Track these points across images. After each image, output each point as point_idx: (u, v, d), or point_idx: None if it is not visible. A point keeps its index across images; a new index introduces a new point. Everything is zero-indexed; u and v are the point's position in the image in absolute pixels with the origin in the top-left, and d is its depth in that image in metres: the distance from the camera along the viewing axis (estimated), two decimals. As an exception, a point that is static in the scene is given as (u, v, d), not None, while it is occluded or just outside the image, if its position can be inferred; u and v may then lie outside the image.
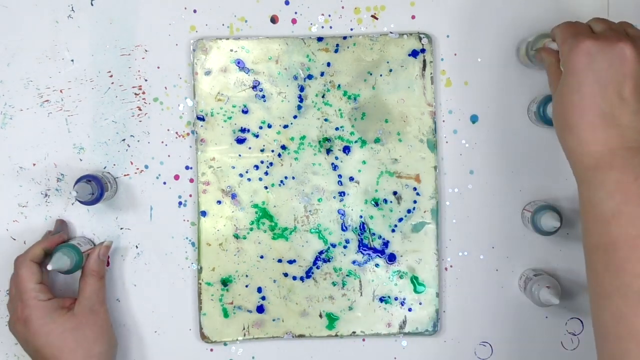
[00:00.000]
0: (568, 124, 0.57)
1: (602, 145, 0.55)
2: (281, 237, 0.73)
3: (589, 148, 0.55)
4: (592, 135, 0.55)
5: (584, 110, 0.55)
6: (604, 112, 0.55)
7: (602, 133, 0.55)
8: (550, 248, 0.74)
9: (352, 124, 0.73)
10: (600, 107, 0.55)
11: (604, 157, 0.54)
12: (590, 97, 0.55)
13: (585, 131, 0.55)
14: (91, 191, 0.68)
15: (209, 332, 0.73)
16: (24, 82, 0.72)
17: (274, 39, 0.72)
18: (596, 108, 0.55)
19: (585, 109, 0.55)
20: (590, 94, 0.55)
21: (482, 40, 0.73)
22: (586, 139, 0.56)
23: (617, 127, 0.55)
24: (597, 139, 0.55)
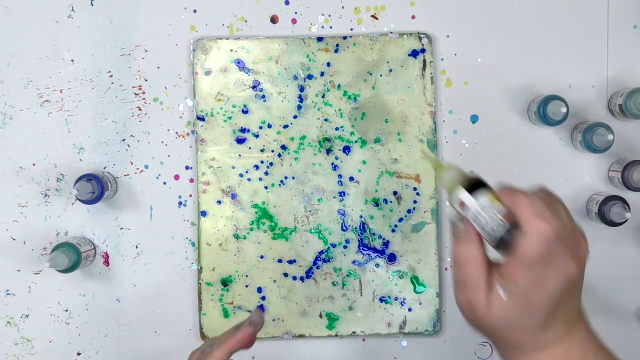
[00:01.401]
0: (509, 342, 0.54)
1: (542, 346, 0.53)
2: (281, 237, 0.73)
3: (527, 352, 0.53)
4: (534, 344, 0.53)
5: (532, 329, 0.53)
6: (546, 322, 0.53)
7: (541, 339, 0.53)
8: (550, 248, 0.74)
9: (352, 124, 0.73)
10: (544, 321, 0.52)
11: (541, 356, 0.53)
12: (539, 319, 0.52)
13: (527, 342, 0.53)
14: (92, 190, 0.68)
15: (209, 332, 0.73)
16: (24, 82, 0.72)
17: (274, 39, 0.72)
18: (541, 323, 0.52)
19: (533, 327, 0.52)
20: (540, 317, 0.52)
21: (482, 40, 0.73)
22: (528, 346, 0.53)
23: (554, 327, 0.53)
24: (537, 344, 0.53)
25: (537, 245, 0.50)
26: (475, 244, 0.53)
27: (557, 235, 0.50)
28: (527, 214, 0.51)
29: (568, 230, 0.51)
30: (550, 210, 0.51)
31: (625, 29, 0.73)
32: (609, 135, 0.68)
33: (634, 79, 0.73)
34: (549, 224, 0.50)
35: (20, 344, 0.73)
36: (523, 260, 0.51)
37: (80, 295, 0.73)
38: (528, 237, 0.50)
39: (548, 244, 0.50)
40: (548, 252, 0.50)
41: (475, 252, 0.53)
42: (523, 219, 0.51)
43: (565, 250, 0.50)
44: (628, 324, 0.74)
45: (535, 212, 0.51)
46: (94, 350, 0.74)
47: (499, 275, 0.52)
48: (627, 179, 0.70)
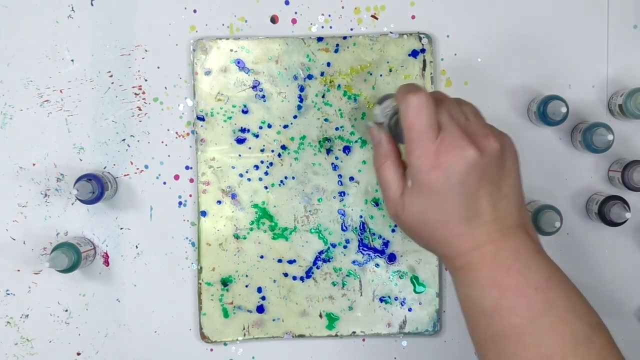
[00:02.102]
0: (435, 239, 0.56)
1: (470, 247, 0.54)
2: (281, 237, 0.73)
3: (458, 252, 0.55)
4: (460, 241, 0.55)
5: (451, 224, 0.55)
6: (467, 217, 0.54)
7: (469, 237, 0.55)
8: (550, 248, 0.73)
9: (352, 124, 0.73)
10: (464, 216, 0.54)
11: (474, 257, 0.54)
12: (454, 211, 0.54)
13: (453, 241, 0.55)
14: (91, 190, 0.68)
15: (209, 332, 0.73)
16: (24, 82, 0.72)
17: (274, 39, 0.72)
18: (461, 218, 0.54)
19: (451, 223, 0.54)
20: (454, 209, 0.54)
21: (482, 40, 0.73)
22: (455, 245, 0.55)
23: (481, 226, 0.54)
24: (465, 243, 0.55)
25: (410, 115, 0.54)
26: (386, 146, 0.58)
27: (430, 114, 0.54)
28: (402, 93, 0.56)
29: (470, 123, 0.55)
30: (435, 99, 0.56)
31: (625, 29, 0.73)
32: (609, 135, 0.68)
33: (634, 79, 0.73)
34: (418, 96, 0.54)
35: (20, 344, 0.73)
36: (408, 137, 0.54)
37: (80, 295, 0.73)
38: (401, 110, 0.55)
39: (420, 115, 0.54)
40: (427, 125, 0.54)
41: (386, 153, 0.58)
42: (398, 99, 0.56)
43: (461, 135, 0.53)
44: (628, 324, 0.74)
45: (406, 90, 0.55)
46: (94, 350, 0.74)
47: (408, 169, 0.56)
48: (627, 179, 0.70)
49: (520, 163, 0.58)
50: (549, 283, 0.54)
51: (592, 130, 0.69)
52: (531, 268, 0.54)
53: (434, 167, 0.53)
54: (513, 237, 0.55)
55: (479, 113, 0.59)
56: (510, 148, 0.57)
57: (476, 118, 0.58)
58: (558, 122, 0.69)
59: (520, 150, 0.73)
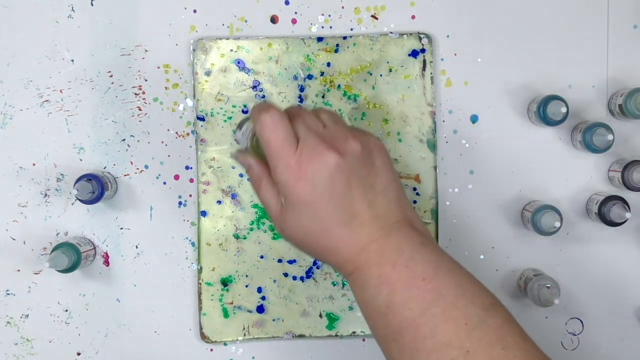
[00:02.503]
0: (321, 249, 0.56)
1: (355, 250, 0.55)
2: (281, 237, 0.73)
3: (346, 257, 0.55)
4: (344, 246, 0.55)
5: (330, 232, 0.55)
6: (345, 221, 0.55)
7: (352, 241, 0.55)
8: (550, 248, 0.74)
9: (352, 124, 0.73)
10: (341, 221, 0.55)
11: (361, 259, 0.55)
12: (330, 218, 0.54)
13: (338, 247, 0.55)
14: (91, 190, 0.68)
15: (209, 332, 0.73)
16: (24, 82, 0.72)
17: (274, 39, 0.72)
18: (339, 223, 0.55)
19: (330, 230, 0.55)
20: (329, 216, 0.54)
21: (482, 40, 0.73)
22: (341, 251, 0.55)
23: (361, 227, 0.55)
24: (349, 247, 0.55)
25: (266, 133, 0.55)
26: (256, 168, 0.59)
27: (284, 128, 0.55)
28: (255, 114, 0.57)
29: (328, 130, 0.57)
30: (288, 114, 0.57)
31: (625, 29, 0.73)
32: (609, 135, 0.68)
33: (634, 79, 0.73)
34: (270, 114, 0.55)
35: (20, 344, 0.73)
36: (268, 155, 0.56)
37: (80, 295, 0.73)
38: (257, 131, 0.56)
39: (276, 131, 0.55)
40: (283, 139, 0.55)
41: (259, 174, 0.58)
42: (252, 120, 0.58)
43: (319, 142, 0.54)
44: (628, 324, 0.74)
45: (259, 110, 0.56)
46: (94, 350, 0.74)
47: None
48: (627, 179, 0.70)
49: (390, 158, 0.58)
50: (436, 272, 0.54)
51: (592, 130, 0.69)
52: (416, 260, 0.54)
53: (299, 179, 0.54)
54: (396, 233, 0.55)
55: (338, 119, 0.59)
56: (376, 145, 0.58)
57: (335, 124, 0.58)
58: (558, 122, 0.69)
59: (521, 150, 0.73)
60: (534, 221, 0.69)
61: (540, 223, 0.69)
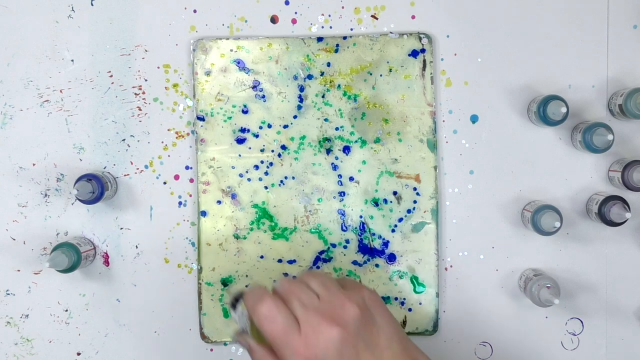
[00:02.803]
0: None
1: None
2: (281, 237, 0.73)
3: None
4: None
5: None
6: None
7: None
8: (550, 248, 0.74)
9: (352, 124, 0.73)
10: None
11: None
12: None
13: None
14: (92, 190, 0.68)
15: (209, 332, 0.73)
16: (24, 82, 0.72)
17: (274, 39, 0.72)
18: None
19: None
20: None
21: (482, 40, 0.73)
22: None
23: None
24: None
25: (266, 326, 0.57)
26: (259, 351, 0.59)
27: (283, 316, 0.57)
28: (250, 306, 0.59)
29: (323, 301, 0.58)
30: (280, 295, 0.59)
31: (625, 29, 0.73)
32: (609, 135, 0.68)
33: (634, 79, 0.73)
34: (264, 304, 0.57)
35: (20, 344, 0.73)
36: (272, 344, 0.57)
37: (80, 295, 0.73)
38: (256, 323, 0.58)
39: (275, 321, 0.57)
40: (284, 327, 0.56)
41: (261, 356, 0.59)
42: (250, 312, 0.59)
43: (319, 320, 0.56)
44: (628, 324, 0.74)
45: (253, 301, 0.58)
46: (94, 350, 0.74)
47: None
48: (627, 179, 0.70)
49: (385, 306, 0.60)
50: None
51: (592, 130, 0.69)
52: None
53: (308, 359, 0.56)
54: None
55: (328, 281, 0.60)
56: (373, 302, 0.59)
57: (327, 290, 0.59)
58: (558, 122, 0.69)
59: (521, 150, 0.73)
60: (534, 221, 0.69)
61: (540, 223, 0.69)
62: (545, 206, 0.69)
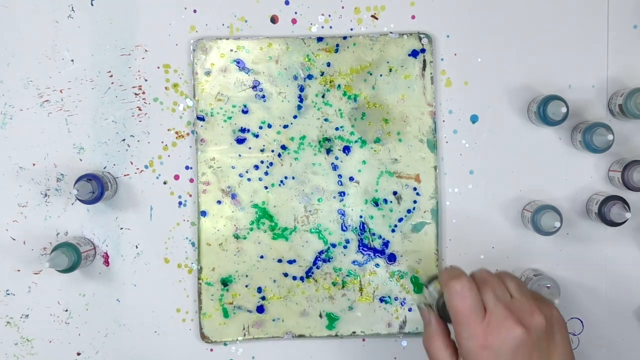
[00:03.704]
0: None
1: None
2: (281, 237, 0.73)
3: None
4: None
5: None
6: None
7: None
8: (550, 248, 0.74)
9: (352, 124, 0.73)
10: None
11: None
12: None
13: None
14: (91, 190, 0.68)
15: (209, 332, 0.73)
16: (24, 82, 0.72)
17: (274, 39, 0.72)
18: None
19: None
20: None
21: (482, 40, 0.73)
22: None
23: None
24: None
25: (455, 301, 0.58)
26: (435, 326, 0.61)
27: (473, 298, 0.57)
28: (444, 280, 0.59)
29: (515, 301, 0.58)
30: (476, 281, 0.59)
31: (625, 29, 0.73)
32: (609, 135, 0.68)
33: (634, 79, 0.73)
34: (460, 282, 0.58)
35: (20, 344, 0.73)
36: (455, 320, 0.58)
37: (80, 295, 0.73)
38: (445, 297, 0.59)
39: (464, 300, 0.57)
40: (471, 309, 0.57)
41: (435, 332, 0.61)
42: (441, 285, 0.60)
43: (507, 315, 0.57)
44: (628, 324, 0.74)
45: (449, 277, 0.59)
46: (94, 350, 0.74)
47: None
48: (627, 179, 0.70)
49: (568, 333, 0.60)
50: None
51: (592, 130, 0.69)
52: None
53: (483, 348, 0.56)
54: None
55: (523, 286, 0.61)
56: (557, 319, 0.59)
57: (520, 293, 0.60)
58: (558, 122, 0.69)
59: (521, 150, 0.73)
60: (534, 221, 0.69)
61: (540, 223, 0.69)
62: (545, 206, 0.69)
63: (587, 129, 0.69)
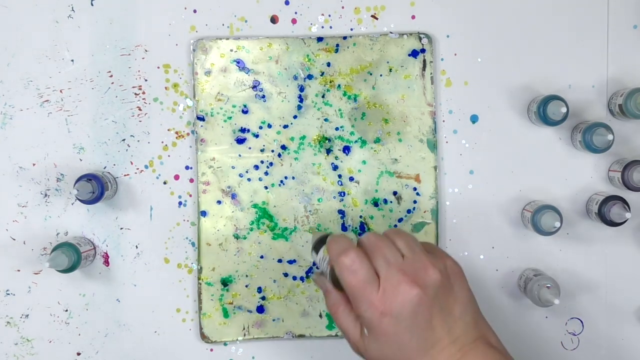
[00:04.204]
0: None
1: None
2: (281, 237, 0.73)
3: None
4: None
5: (411, 359, 0.57)
6: (426, 348, 0.56)
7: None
8: (550, 248, 0.74)
9: (352, 124, 0.73)
10: (422, 348, 0.56)
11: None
12: (412, 348, 0.56)
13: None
14: (91, 190, 0.68)
15: (209, 332, 0.73)
16: (24, 82, 0.72)
17: (274, 39, 0.72)
18: (420, 351, 0.56)
19: (412, 357, 0.56)
20: (411, 346, 0.56)
21: (482, 40, 0.73)
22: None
23: (441, 351, 0.56)
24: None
25: (347, 277, 0.57)
26: (334, 294, 0.60)
27: (364, 269, 0.56)
28: (333, 255, 0.58)
29: (407, 260, 0.57)
30: (365, 248, 0.58)
31: (625, 29, 0.73)
32: (609, 135, 0.68)
33: (634, 79, 0.73)
34: (347, 256, 0.57)
35: (20, 344, 0.73)
36: (350, 294, 0.57)
37: (80, 295, 0.73)
38: (336, 272, 0.58)
39: (356, 273, 0.57)
40: (364, 280, 0.56)
41: (336, 300, 0.60)
42: (332, 260, 0.58)
43: (401, 278, 0.56)
44: (628, 324, 0.74)
45: (337, 251, 0.58)
46: (94, 350, 0.74)
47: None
48: (627, 179, 0.70)
49: (466, 279, 0.59)
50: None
51: (592, 130, 0.69)
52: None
53: (383, 315, 0.56)
54: (474, 352, 0.57)
55: (413, 242, 0.60)
56: (454, 270, 0.59)
57: (412, 251, 0.59)
58: (558, 122, 0.69)
59: (521, 150, 0.73)
60: (534, 221, 0.69)
61: (540, 223, 0.69)
62: (545, 206, 0.69)
63: (587, 129, 0.69)
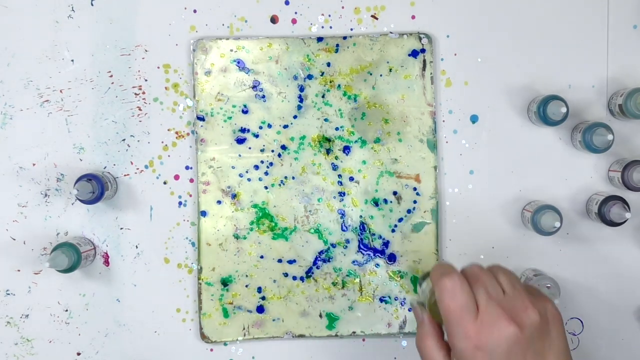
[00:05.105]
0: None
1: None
2: (281, 237, 0.73)
3: None
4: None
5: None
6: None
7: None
8: (550, 248, 0.74)
9: (352, 124, 0.73)
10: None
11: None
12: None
13: None
14: (92, 190, 0.68)
15: (209, 332, 0.73)
16: (24, 82, 0.72)
17: (274, 39, 0.72)
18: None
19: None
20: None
21: (482, 40, 0.73)
22: None
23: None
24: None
25: (446, 299, 0.56)
26: (428, 326, 0.59)
27: (465, 297, 0.55)
28: (435, 278, 0.57)
29: (508, 297, 0.56)
30: (468, 277, 0.57)
31: (625, 29, 0.73)
32: (609, 135, 0.68)
33: (634, 79, 0.73)
34: (450, 279, 0.56)
35: (20, 344, 0.73)
36: (446, 320, 0.56)
37: (80, 295, 0.73)
38: (436, 294, 0.57)
39: (455, 298, 0.55)
40: (463, 308, 0.55)
41: (428, 332, 0.59)
42: (432, 282, 0.58)
43: (500, 313, 0.55)
44: (628, 324, 0.74)
45: (440, 274, 0.57)
46: (94, 350, 0.74)
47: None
48: (627, 179, 0.70)
49: (564, 328, 0.58)
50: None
51: (592, 130, 0.69)
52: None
53: (477, 349, 0.55)
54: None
55: (516, 280, 0.59)
56: (552, 315, 0.58)
57: (513, 289, 0.58)
58: (558, 122, 0.69)
59: (521, 150, 0.73)
60: (534, 221, 0.69)
61: (540, 223, 0.69)
62: (545, 206, 0.69)
63: (587, 129, 0.69)
